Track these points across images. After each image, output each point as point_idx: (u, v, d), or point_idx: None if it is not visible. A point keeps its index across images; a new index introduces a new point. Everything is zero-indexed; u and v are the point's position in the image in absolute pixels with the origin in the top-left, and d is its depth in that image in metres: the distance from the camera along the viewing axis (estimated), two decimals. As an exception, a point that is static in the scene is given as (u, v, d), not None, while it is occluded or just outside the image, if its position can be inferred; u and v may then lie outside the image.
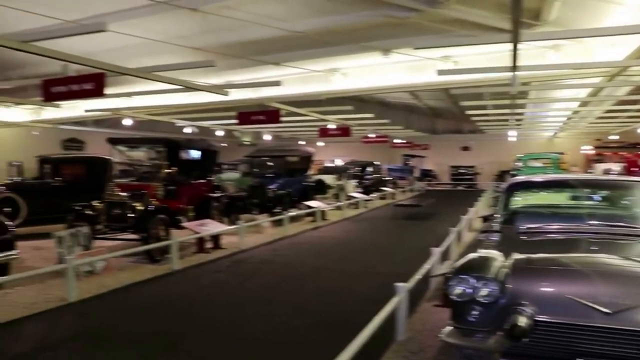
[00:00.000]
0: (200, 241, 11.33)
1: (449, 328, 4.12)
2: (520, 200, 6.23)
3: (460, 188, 37.75)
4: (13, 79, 15.15)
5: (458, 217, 12.88)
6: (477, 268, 4.15)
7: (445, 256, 9.15)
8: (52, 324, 6.61)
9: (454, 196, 29.46)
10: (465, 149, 40.40)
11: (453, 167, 40.18)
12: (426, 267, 7.34)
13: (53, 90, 10.21)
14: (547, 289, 3.93)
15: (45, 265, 9.10)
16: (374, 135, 32.09)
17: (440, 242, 9.23)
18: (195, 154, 13.16)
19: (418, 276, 6.75)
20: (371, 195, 24.36)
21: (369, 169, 29.48)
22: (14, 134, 24.92)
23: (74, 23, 9.04)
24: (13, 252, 8.30)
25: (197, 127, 27.51)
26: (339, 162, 33.53)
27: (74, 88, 9.89)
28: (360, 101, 24.77)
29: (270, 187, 16.94)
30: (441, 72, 11.68)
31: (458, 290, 4.03)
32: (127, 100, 18.02)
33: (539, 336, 3.65)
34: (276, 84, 13.25)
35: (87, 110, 20.08)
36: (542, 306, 3.72)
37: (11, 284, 8.04)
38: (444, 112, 32.99)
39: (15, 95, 17.65)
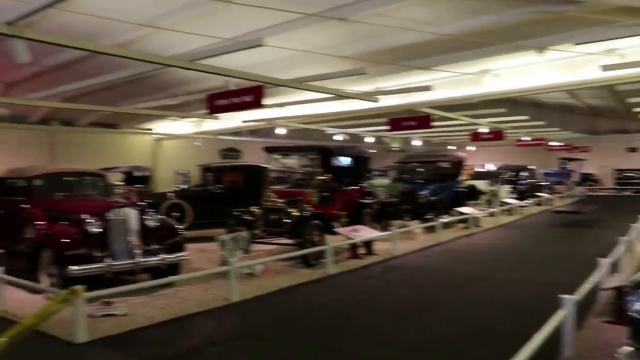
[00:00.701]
0: (354, 247, 11.45)
1: (627, 348, 3.75)
2: None
3: (626, 193, 34.64)
4: (179, 95, 16.55)
5: (626, 226, 11.80)
6: (662, 282, 3.75)
7: (614, 268, 8.41)
8: (218, 321, 7.06)
9: (619, 202, 27.16)
10: (633, 150, 37.01)
11: (617, 170, 37.12)
12: (593, 279, 6.80)
13: (216, 103, 10.99)
14: None
15: (210, 267, 9.82)
16: (528, 138, 30.61)
17: (606, 252, 8.51)
18: (347, 160, 13.34)
19: (585, 288, 6.26)
20: (526, 201, 23.17)
21: (523, 173, 28.20)
22: (179, 145, 27.08)
23: (233, 40, 9.66)
24: (183, 253, 8.99)
25: (347, 134, 28.04)
26: (490, 167, 32.37)
27: (235, 101, 10.57)
28: (513, 103, 23.74)
29: (421, 193, 16.80)
30: (606, 68, 10.85)
31: (639, 306, 3.67)
32: (280, 110, 18.83)
33: None
34: (426, 89, 13.13)
35: (244, 121, 21.32)
36: None
37: (181, 283, 8.71)
38: (606, 111, 30.51)
39: (181, 109, 19.31)
